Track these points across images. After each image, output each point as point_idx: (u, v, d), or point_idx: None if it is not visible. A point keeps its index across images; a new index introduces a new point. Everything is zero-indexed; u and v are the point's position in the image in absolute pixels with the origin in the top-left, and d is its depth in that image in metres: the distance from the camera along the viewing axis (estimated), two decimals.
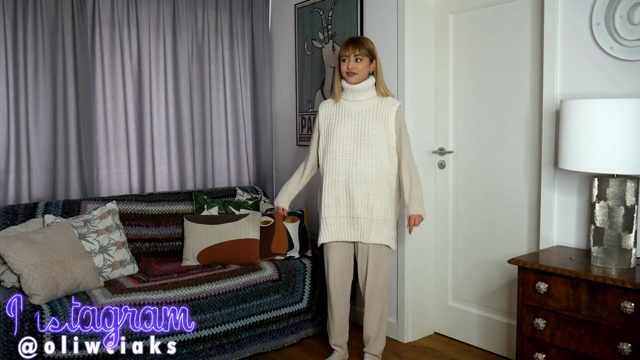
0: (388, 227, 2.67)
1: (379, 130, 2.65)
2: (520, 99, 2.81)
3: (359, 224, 2.67)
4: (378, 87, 2.72)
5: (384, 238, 2.67)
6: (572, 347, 2.16)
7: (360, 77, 2.68)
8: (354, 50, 2.65)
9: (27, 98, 3.15)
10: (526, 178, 2.81)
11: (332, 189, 2.69)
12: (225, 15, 3.90)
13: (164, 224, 3.34)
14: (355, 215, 2.66)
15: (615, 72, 2.33)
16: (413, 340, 3.23)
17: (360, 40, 2.70)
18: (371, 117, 2.67)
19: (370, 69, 2.71)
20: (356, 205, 2.65)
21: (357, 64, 2.66)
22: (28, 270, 2.45)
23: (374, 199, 2.64)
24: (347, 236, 2.71)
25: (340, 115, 2.71)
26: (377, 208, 2.64)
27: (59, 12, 3.23)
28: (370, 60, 2.70)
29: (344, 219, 2.70)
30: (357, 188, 2.64)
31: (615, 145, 2.06)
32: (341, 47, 2.71)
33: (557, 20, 2.50)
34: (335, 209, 2.70)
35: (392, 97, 2.74)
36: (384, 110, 2.67)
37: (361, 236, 2.68)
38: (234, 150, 3.98)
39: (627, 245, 2.14)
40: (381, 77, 2.73)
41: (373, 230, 2.66)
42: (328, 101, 2.82)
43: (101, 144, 3.43)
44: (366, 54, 2.67)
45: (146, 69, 3.55)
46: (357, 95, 2.70)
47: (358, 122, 2.68)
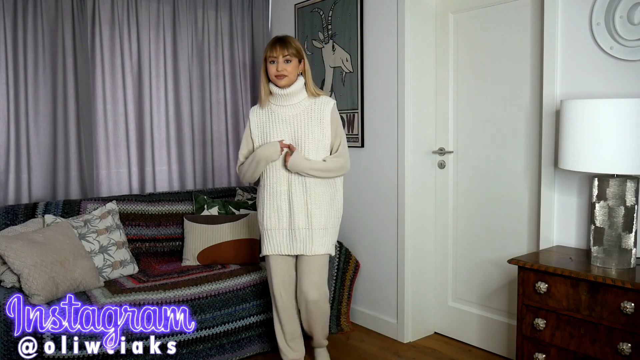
0: (329, 234, 2.54)
1: (315, 133, 2.49)
2: (520, 99, 2.81)
3: (300, 235, 2.51)
4: (308, 87, 2.54)
5: (326, 247, 2.53)
6: (572, 347, 2.16)
7: (290, 80, 2.49)
8: (282, 50, 2.45)
9: (27, 98, 3.16)
10: (526, 178, 2.81)
11: (274, 200, 2.53)
12: (225, 15, 3.90)
13: (164, 224, 3.34)
14: (296, 227, 2.50)
15: (615, 72, 2.33)
16: (413, 340, 3.23)
17: (288, 40, 2.49)
18: (306, 121, 2.50)
19: (299, 69, 2.52)
20: (296, 216, 2.50)
21: (286, 65, 2.45)
22: (28, 270, 2.45)
23: (312, 207, 2.49)
24: (289, 249, 2.54)
25: (274, 122, 2.54)
26: (317, 217, 2.49)
27: (59, 12, 3.23)
28: (299, 61, 2.51)
29: (285, 231, 2.54)
30: (298, 197, 2.49)
31: (615, 145, 2.05)
32: (267, 48, 2.51)
33: (557, 20, 2.50)
34: (278, 220, 2.54)
35: (324, 95, 2.58)
36: (318, 112, 2.51)
37: (303, 249, 2.52)
38: (234, 150, 3.98)
39: (627, 245, 2.14)
40: (310, 77, 2.54)
41: (315, 240, 2.50)
42: (256, 107, 2.62)
43: (101, 144, 3.43)
44: (295, 54, 2.47)
45: (146, 69, 3.55)
46: (288, 100, 2.52)
47: (293, 127, 2.51)
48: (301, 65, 2.53)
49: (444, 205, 3.23)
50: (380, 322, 3.34)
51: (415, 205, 3.18)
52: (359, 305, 3.45)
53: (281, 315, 2.65)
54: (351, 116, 3.45)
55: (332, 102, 2.56)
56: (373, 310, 3.39)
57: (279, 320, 2.66)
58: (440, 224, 3.26)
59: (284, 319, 2.65)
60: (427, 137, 3.22)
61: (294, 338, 2.69)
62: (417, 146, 3.17)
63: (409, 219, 3.16)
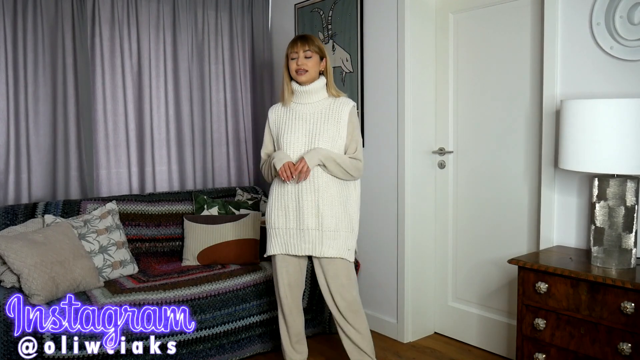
0: (341, 237, 2.44)
1: (330, 133, 2.44)
2: (520, 99, 2.81)
3: (310, 236, 2.44)
4: (329, 87, 2.52)
5: (336, 250, 2.43)
6: (572, 347, 2.16)
7: (311, 76, 2.47)
8: (303, 46, 2.46)
9: (27, 98, 3.15)
10: (526, 178, 2.81)
11: (282, 198, 2.48)
12: (225, 15, 3.90)
13: (164, 224, 3.34)
14: (305, 227, 2.44)
15: (615, 72, 2.33)
16: (413, 340, 3.23)
17: (309, 37, 2.51)
18: (323, 120, 2.46)
19: (321, 67, 2.51)
20: (305, 216, 2.43)
21: (306, 60, 2.45)
22: (28, 270, 2.45)
23: (323, 208, 2.42)
24: (297, 250, 2.47)
25: (291, 119, 2.51)
26: (327, 218, 2.42)
27: (59, 12, 3.23)
28: (321, 59, 2.50)
29: (292, 231, 2.47)
30: (307, 197, 2.43)
31: (615, 145, 2.05)
32: (288, 46, 2.52)
33: (557, 20, 2.50)
34: (285, 219, 2.48)
35: (345, 96, 2.54)
36: (336, 111, 2.47)
37: (312, 249, 2.45)
38: (234, 150, 3.98)
39: (627, 245, 2.14)
40: (331, 78, 2.55)
41: (325, 242, 2.43)
42: (277, 105, 2.62)
43: (101, 144, 3.43)
44: (316, 51, 2.47)
45: (146, 69, 3.55)
46: (308, 97, 2.50)
47: (310, 125, 2.47)
48: (323, 63, 2.52)
49: (444, 205, 3.23)
50: (380, 322, 3.34)
51: (415, 205, 3.18)
52: None
53: (287, 318, 2.59)
54: None
55: (352, 103, 2.50)
56: (373, 310, 3.39)
57: (285, 322, 2.60)
58: (440, 224, 3.26)
59: (289, 321, 2.59)
60: (427, 137, 3.22)
61: (299, 340, 2.65)
62: (417, 146, 3.17)
63: (409, 219, 3.16)
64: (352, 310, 2.48)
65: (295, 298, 2.59)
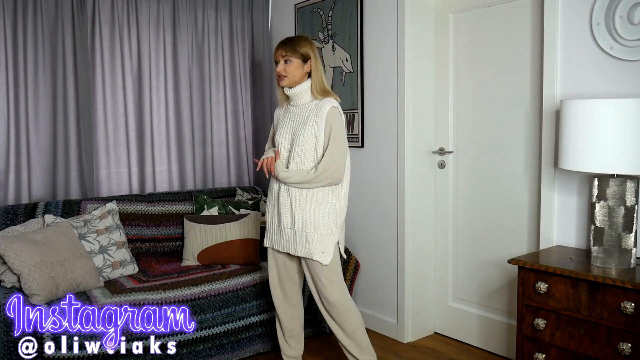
0: (313, 239, 2.41)
1: (308, 135, 2.43)
2: (520, 99, 2.81)
3: (286, 234, 2.49)
4: (313, 90, 2.47)
5: (307, 251, 2.43)
6: (572, 347, 2.16)
7: (292, 80, 2.46)
8: (282, 51, 2.44)
9: (27, 98, 3.16)
10: (526, 178, 2.81)
11: (270, 195, 2.58)
12: (225, 15, 3.90)
13: (164, 224, 3.34)
14: (283, 226, 2.49)
15: (615, 72, 2.33)
16: (413, 340, 3.23)
17: (291, 41, 2.47)
18: (304, 121, 2.45)
19: (305, 70, 2.47)
20: (282, 215, 2.49)
21: (286, 65, 2.44)
22: (28, 270, 2.45)
23: (295, 208, 2.44)
24: (279, 246, 2.54)
25: (284, 120, 2.56)
26: (298, 219, 2.43)
27: (59, 12, 3.23)
28: (304, 61, 2.46)
29: (275, 227, 2.55)
30: (283, 196, 2.48)
31: (615, 145, 2.05)
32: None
33: (557, 20, 2.50)
34: (272, 216, 2.57)
35: (331, 96, 2.48)
36: (316, 113, 2.43)
37: (289, 248, 2.50)
38: (234, 150, 3.98)
39: (627, 245, 2.14)
40: (316, 78, 2.46)
41: (298, 242, 2.45)
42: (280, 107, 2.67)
43: (101, 144, 3.43)
44: (295, 54, 2.43)
45: (146, 69, 3.55)
46: (296, 100, 2.51)
47: (294, 126, 2.50)
48: (307, 65, 2.47)
49: (444, 206, 3.23)
50: (381, 322, 3.34)
51: (415, 206, 3.18)
52: (359, 305, 3.45)
53: (278, 310, 2.65)
54: (351, 116, 3.45)
55: (332, 103, 2.43)
56: (373, 310, 3.39)
57: (277, 315, 2.67)
58: (440, 224, 3.26)
59: (280, 314, 2.65)
60: (427, 137, 3.22)
61: (293, 335, 2.70)
62: (417, 146, 3.17)
63: (409, 219, 3.16)
64: (339, 311, 2.49)
65: (287, 292, 2.63)
